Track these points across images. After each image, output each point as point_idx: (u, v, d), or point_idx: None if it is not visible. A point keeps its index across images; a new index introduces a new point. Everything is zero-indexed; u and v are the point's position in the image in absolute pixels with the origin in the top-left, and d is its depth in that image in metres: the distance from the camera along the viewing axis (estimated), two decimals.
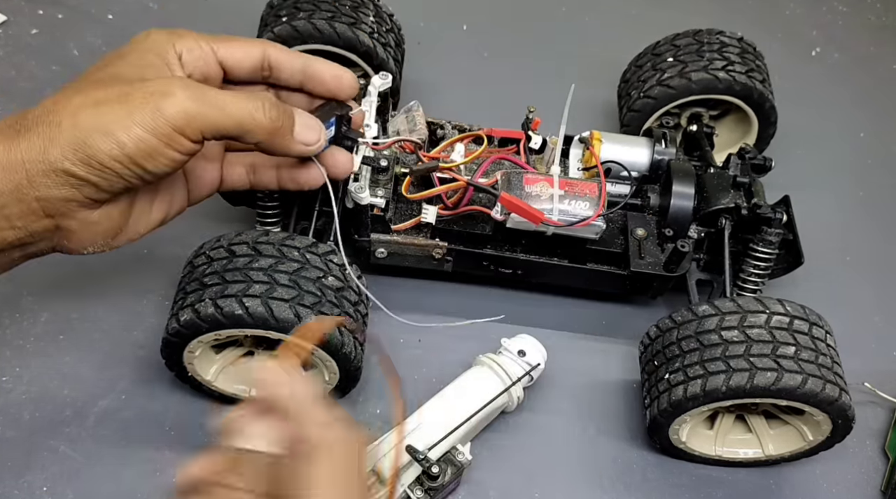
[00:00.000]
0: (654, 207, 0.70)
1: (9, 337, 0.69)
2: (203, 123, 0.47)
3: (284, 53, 0.56)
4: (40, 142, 0.45)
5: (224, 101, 0.48)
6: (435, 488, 0.60)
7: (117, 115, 0.45)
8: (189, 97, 0.46)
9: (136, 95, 0.46)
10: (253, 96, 0.50)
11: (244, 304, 0.55)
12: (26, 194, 0.45)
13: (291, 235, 0.60)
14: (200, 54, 0.52)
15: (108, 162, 0.46)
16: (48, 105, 0.46)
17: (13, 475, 0.62)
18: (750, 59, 0.79)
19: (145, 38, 0.51)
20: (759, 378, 0.57)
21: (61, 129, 0.45)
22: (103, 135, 0.45)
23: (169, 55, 0.51)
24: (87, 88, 0.47)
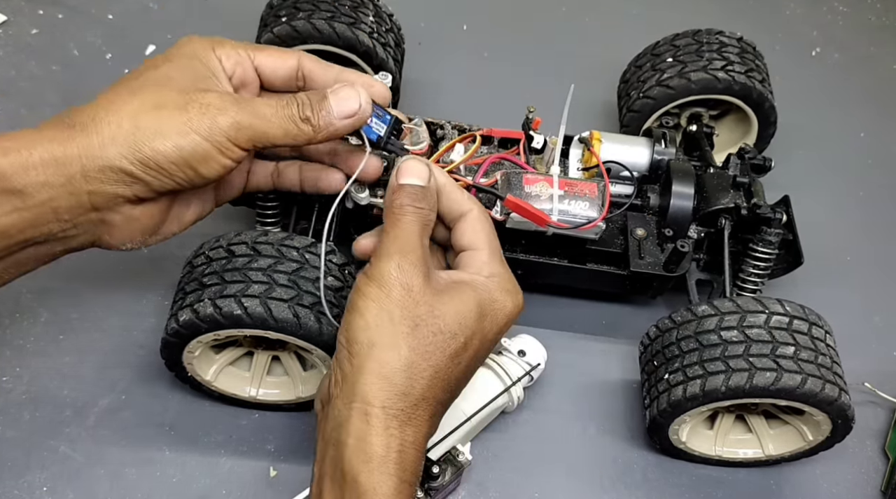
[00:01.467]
0: (654, 207, 0.70)
1: (9, 337, 0.69)
2: (253, 134, 0.50)
3: (318, 65, 0.57)
4: (99, 139, 0.47)
5: (269, 112, 0.51)
6: (435, 488, 0.60)
7: (176, 122, 0.48)
8: (240, 110, 0.50)
9: (194, 106, 0.49)
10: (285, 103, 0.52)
11: (243, 304, 0.55)
12: (78, 188, 0.48)
13: (290, 236, 0.60)
14: (238, 60, 0.54)
15: (164, 163, 0.48)
16: (104, 104, 0.48)
17: (13, 475, 0.62)
18: (749, 58, 0.79)
19: (187, 44, 0.53)
20: (759, 378, 0.57)
21: (121, 129, 0.47)
22: (163, 137, 0.48)
23: (212, 62, 0.53)
24: (144, 91, 0.49)
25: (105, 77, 0.90)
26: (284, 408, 0.67)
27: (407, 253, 0.49)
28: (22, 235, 0.48)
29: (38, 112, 0.85)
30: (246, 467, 0.64)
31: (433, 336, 0.48)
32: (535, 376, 0.67)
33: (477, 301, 0.50)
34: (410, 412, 0.47)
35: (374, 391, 0.46)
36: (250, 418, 0.67)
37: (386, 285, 0.48)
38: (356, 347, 0.47)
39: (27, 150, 0.46)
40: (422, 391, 0.47)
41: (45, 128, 0.48)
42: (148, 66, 0.52)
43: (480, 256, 0.52)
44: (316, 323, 0.56)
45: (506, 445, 0.67)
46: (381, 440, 0.45)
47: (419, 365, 0.47)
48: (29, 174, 0.46)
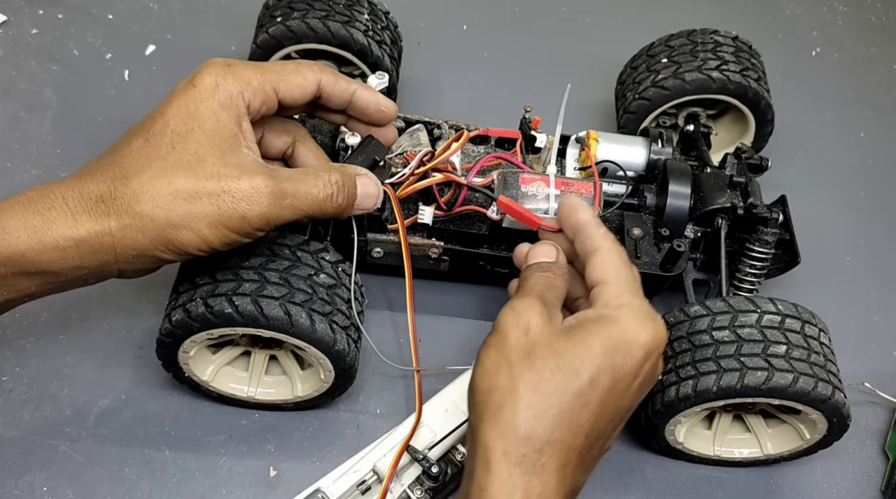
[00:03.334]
0: (651, 206, 0.70)
1: (9, 337, 0.69)
2: (278, 221, 0.52)
3: (336, 85, 0.58)
4: (132, 233, 0.48)
5: (297, 201, 0.52)
6: (435, 488, 0.60)
7: (209, 220, 0.49)
8: (271, 204, 0.50)
9: (226, 200, 0.49)
10: (322, 184, 0.53)
11: (234, 302, 0.56)
12: (110, 267, 0.50)
13: (282, 234, 0.60)
14: (264, 100, 0.54)
15: (193, 252, 0.50)
16: (138, 190, 0.48)
17: (13, 475, 0.62)
18: (745, 57, 0.79)
19: (215, 90, 0.52)
20: (750, 378, 0.57)
21: (154, 222, 0.48)
22: (194, 234, 0.49)
23: (240, 109, 0.52)
24: (176, 177, 0.49)
25: (105, 77, 0.90)
26: (283, 408, 0.67)
27: (525, 297, 0.49)
28: (51, 293, 0.51)
29: (38, 112, 0.85)
30: (246, 467, 0.64)
31: (552, 374, 0.45)
32: None
33: (601, 335, 0.47)
34: (535, 459, 0.44)
35: (493, 436, 0.44)
36: (250, 418, 0.67)
37: (503, 329, 0.47)
38: (477, 396, 0.46)
39: (64, 239, 0.47)
40: (545, 435, 0.44)
41: (81, 214, 0.48)
42: (178, 134, 0.50)
43: (609, 288, 0.50)
44: (308, 321, 0.56)
45: None
46: (503, 491, 0.43)
47: (540, 406, 0.44)
48: (65, 260, 0.48)
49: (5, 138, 0.83)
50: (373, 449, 0.61)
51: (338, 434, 0.67)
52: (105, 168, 0.49)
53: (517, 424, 0.44)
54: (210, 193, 0.49)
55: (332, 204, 0.54)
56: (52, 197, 0.48)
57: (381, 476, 0.58)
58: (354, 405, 0.68)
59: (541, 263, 0.53)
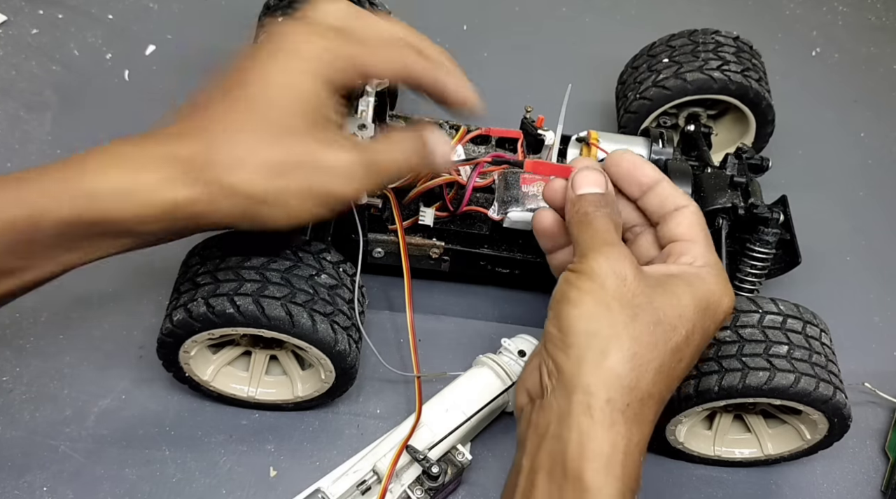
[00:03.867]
0: None
1: (9, 337, 0.69)
2: (370, 192, 0.52)
3: (422, 71, 0.55)
4: (219, 204, 0.47)
5: (386, 168, 0.51)
6: (435, 488, 0.60)
7: (300, 195, 0.48)
8: (362, 177, 0.49)
9: (319, 176, 0.48)
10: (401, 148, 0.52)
11: (235, 302, 0.55)
12: (188, 232, 0.50)
13: (283, 234, 0.60)
14: (352, 74, 0.51)
15: (274, 227, 0.49)
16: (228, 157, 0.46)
17: (13, 475, 0.62)
18: (746, 58, 0.79)
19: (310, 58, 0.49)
20: (752, 378, 0.57)
21: (247, 199, 0.47)
22: (282, 209, 0.48)
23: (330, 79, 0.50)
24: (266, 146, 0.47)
25: (105, 77, 0.90)
26: (283, 408, 0.67)
27: (613, 245, 0.47)
28: (132, 250, 0.50)
29: (38, 112, 0.85)
30: (246, 467, 0.64)
31: (654, 327, 0.45)
32: None
33: (694, 293, 0.47)
34: (637, 409, 0.44)
35: (597, 383, 0.44)
36: (250, 418, 0.67)
37: (599, 277, 0.46)
38: (573, 338, 0.45)
39: (153, 206, 0.46)
40: (648, 387, 0.45)
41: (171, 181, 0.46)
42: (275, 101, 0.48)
43: (696, 247, 0.50)
44: (309, 321, 0.56)
45: (506, 445, 0.67)
46: (608, 437, 0.43)
47: (644, 357, 0.45)
48: (151, 225, 0.47)
49: (5, 138, 0.83)
50: (373, 449, 0.61)
51: (338, 434, 0.67)
52: (197, 131, 0.47)
53: (623, 373, 0.44)
54: (302, 167, 0.48)
55: (408, 167, 0.53)
56: (142, 154, 0.46)
57: (381, 476, 0.58)
58: (354, 406, 0.68)
59: (595, 197, 0.50)
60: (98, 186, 0.45)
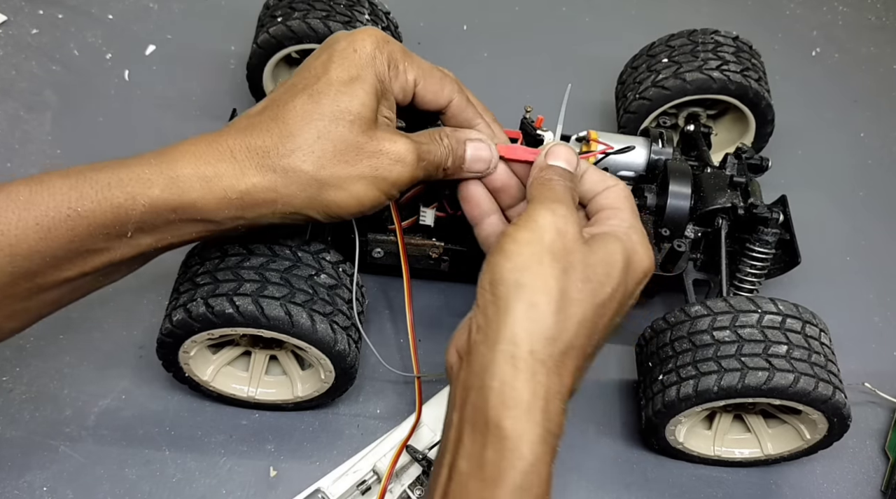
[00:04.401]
0: (651, 206, 0.70)
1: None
2: (414, 180, 0.54)
3: (464, 110, 0.58)
4: (294, 189, 0.50)
5: (430, 161, 0.54)
6: None
7: (365, 181, 0.51)
8: (414, 165, 0.52)
9: (383, 162, 0.51)
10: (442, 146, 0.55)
11: (235, 302, 0.56)
12: (263, 221, 0.52)
13: (283, 234, 0.60)
14: (404, 87, 0.55)
15: (345, 215, 0.52)
16: (301, 145, 0.50)
17: (13, 475, 0.62)
18: (745, 57, 0.79)
19: (373, 61, 0.53)
20: (751, 378, 0.57)
21: (318, 184, 0.50)
22: (350, 194, 0.51)
23: (389, 83, 0.54)
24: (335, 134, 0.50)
25: (105, 77, 0.90)
26: (283, 408, 0.67)
27: (561, 202, 0.49)
28: (201, 240, 0.54)
29: (38, 112, 0.85)
30: (246, 467, 0.64)
31: (582, 283, 0.47)
32: None
33: (622, 252, 0.49)
34: (558, 360, 0.45)
35: (521, 334, 0.45)
36: (250, 418, 0.67)
37: (539, 229, 0.47)
38: (502, 289, 0.46)
39: (231, 191, 0.49)
40: (570, 339, 0.46)
41: (248, 167, 0.49)
42: (341, 94, 0.51)
43: (622, 213, 0.52)
44: (308, 321, 0.56)
45: None
46: (528, 386, 0.44)
47: (568, 310, 0.46)
48: (228, 211, 0.50)
49: (5, 138, 0.83)
50: (373, 449, 0.61)
51: (338, 434, 0.67)
52: (270, 123, 0.51)
53: (547, 325, 0.45)
54: (369, 156, 0.51)
55: (445, 165, 0.55)
56: (220, 149, 0.49)
57: (381, 476, 0.59)
58: (354, 406, 0.68)
59: (563, 170, 0.53)
60: (182, 173, 0.48)
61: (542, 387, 0.44)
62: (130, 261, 0.51)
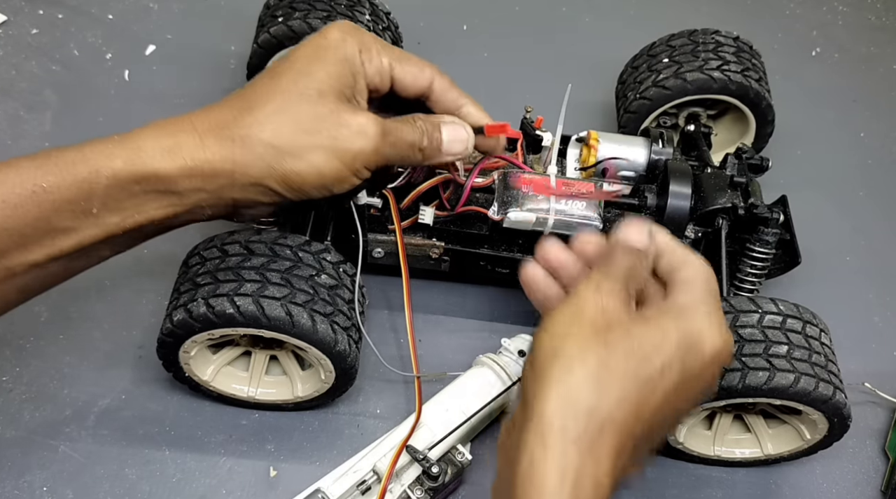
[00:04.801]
0: (651, 206, 0.70)
1: (9, 337, 0.69)
2: (384, 159, 0.55)
3: (447, 91, 0.59)
4: (251, 157, 0.51)
5: (398, 139, 0.55)
6: (435, 488, 0.60)
7: (325, 152, 0.52)
8: (380, 139, 0.53)
9: (343, 133, 0.52)
10: (410, 128, 0.56)
11: (235, 302, 0.56)
12: (226, 194, 0.52)
13: (283, 234, 0.60)
14: (379, 69, 0.56)
15: (308, 188, 0.53)
16: (262, 119, 0.51)
17: (13, 475, 0.62)
18: (746, 57, 0.79)
19: (342, 43, 0.54)
20: (751, 378, 0.57)
21: (276, 151, 0.51)
22: (310, 165, 0.52)
23: (358, 66, 0.55)
24: (299, 110, 0.52)
25: (105, 77, 0.90)
26: (283, 408, 0.67)
27: (610, 277, 0.46)
28: (169, 222, 0.53)
29: (38, 112, 0.85)
30: (246, 467, 0.64)
31: (624, 355, 0.43)
32: None
33: (678, 328, 0.45)
34: (593, 437, 0.41)
35: (553, 408, 0.42)
36: (250, 418, 0.67)
37: (580, 302, 0.45)
38: (539, 360, 0.44)
39: (192, 159, 0.50)
40: (608, 412, 0.42)
41: (208, 137, 0.51)
42: (302, 72, 0.53)
43: (694, 288, 0.47)
44: (309, 321, 0.56)
45: None
46: (556, 468, 0.41)
47: (607, 380, 0.42)
48: (190, 180, 0.50)
49: (5, 138, 0.83)
50: (373, 449, 0.61)
51: (338, 434, 0.67)
52: (232, 101, 0.53)
53: (581, 395, 0.42)
54: (329, 127, 0.52)
55: (420, 146, 0.56)
56: (181, 122, 0.51)
57: (381, 476, 0.58)
58: (354, 406, 0.68)
59: (631, 247, 0.49)
60: (146, 144, 0.50)
61: (573, 469, 0.41)
62: (100, 245, 0.51)
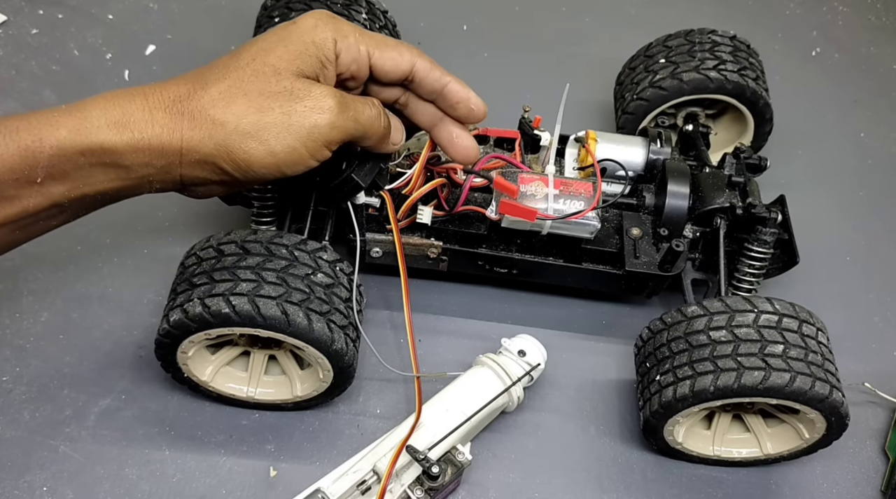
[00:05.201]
0: (650, 206, 0.70)
1: (9, 337, 0.69)
2: (343, 135, 0.53)
3: (430, 71, 0.58)
4: (201, 134, 0.50)
5: (358, 113, 0.54)
6: (435, 488, 0.60)
7: (277, 130, 0.51)
8: (338, 113, 0.52)
9: (297, 109, 0.51)
10: (370, 104, 0.56)
11: (231, 302, 0.56)
12: (174, 170, 0.51)
13: (279, 233, 0.60)
14: (356, 57, 0.55)
15: (256, 166, 0.51)
16: (216, 97, 0.50)
17: (13, 475, 0.62)
18: (742, 57, 0.79)
19: (313, 29, 0.54)
20: (747, 377, 0.57)
21: (224, 128, 0.50)
22: (261, 144, 0.51)
23: (329, 52, 0.54)
24: (252, 88, 0.51)
25: (105, 77, 0.90)
26: (283, 407, 0.67)
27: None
28: (118, 195, 0.52)
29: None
30: (246, 467, 0.64)
31: None
32: (535, 376, 0.67)
33: None
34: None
35: None
36: (250, 418, 0.67)
37: None
38: None
39: (140, 132, 0.49)
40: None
41: (158, 111, 0.50)
42: (262, 50, 0.52)
43: None
44: (305, 320, 0.56)
45: (506, 445, 0.67)
46: None
47: None
48: (137, 155, 0.49)
49: None
50: (373, 449, 0.61)
51: (338, 434, 0.67)
52: (189, 76, 0.52)
53: None
54: (282, 103, 0.51)
55: (379, 124, 0.56)
56: (133, 94, 0.50)
57: (381, 476, 0.59)
58: (354, 405, 0.68)
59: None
60: (93, 114, 0.49)
61: None
62: (46, 214, 0.51)
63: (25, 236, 0.52)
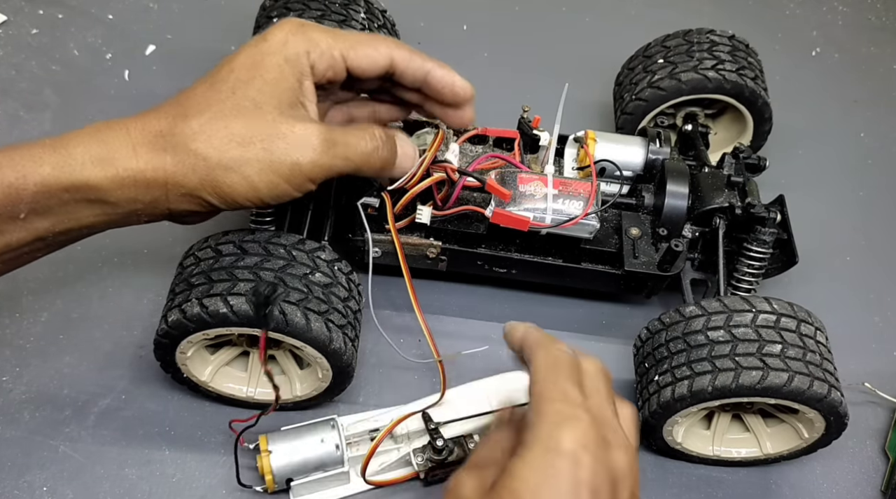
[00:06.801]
0: (649, 206, 0.70)
1: (9, 337, 0.69)
2: (327, 172, 0.53)
3: (410, 61, 0.58)
4: (184, 169, 0.50)
5: (348, 151, 0.54)
6: (436, 462, 0.61)
7: (259, 166, 0.51)
8: (323, 151, 0.52)
9: (279, 146, 0.51)
10: (369, 136, 0.55)
11: (229, 302, 0.56)
12: (161, 204, 0.51)
13: (278, 233, 0.60)
14: (331, 64, 0.55)
15: (241, 200, 0.52)
16: (197, 129, 0.50)
17: (13, 475, 0.62)
18: (741, 56, 0.79)
19: (283, 46, 0.53)
20: (745, 377, 0.57)
21: (208, 162, 0.50)
22: (243, 178, 0.51)
23: (303, 67, 0.53)
24: (235, 121, 0.51)
25: (105, 77, 0.90)
26: (283, 407, 0.67)
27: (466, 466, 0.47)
28: (105, 228, 0.53)
29: (38, 112, 0.86)
30: (245, 467, 0.64)
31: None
32: None
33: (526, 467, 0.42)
34: None
35: None
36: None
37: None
38: None
39: (124, 170, 0.49)
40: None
41: (140, 146, 0.50)
42: (240, 81, 0.52)
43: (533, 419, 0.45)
44: (302, 319, 0.57)
45: None
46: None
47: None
48: (122, 191, 0.50)
49: (5, 138, 0.83)
50: (398, 409, 0.62)
51: None
52: (169, 107, 0.51)
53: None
54: (263, 138, 0.51)
55: (379, 156, 0.56)
56: (116, 129, 0.50)
57: (394, 435, 0.59)
58: (355, 405, 0.68)
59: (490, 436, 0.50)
60: (76, 151, 0.49)
61: None
62: (30, 247, 0.51)
63: (7, 269, 0.52)
